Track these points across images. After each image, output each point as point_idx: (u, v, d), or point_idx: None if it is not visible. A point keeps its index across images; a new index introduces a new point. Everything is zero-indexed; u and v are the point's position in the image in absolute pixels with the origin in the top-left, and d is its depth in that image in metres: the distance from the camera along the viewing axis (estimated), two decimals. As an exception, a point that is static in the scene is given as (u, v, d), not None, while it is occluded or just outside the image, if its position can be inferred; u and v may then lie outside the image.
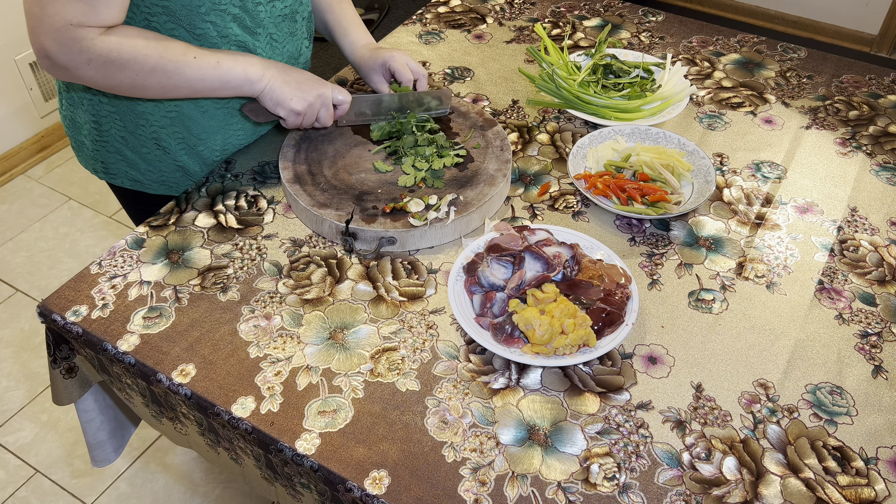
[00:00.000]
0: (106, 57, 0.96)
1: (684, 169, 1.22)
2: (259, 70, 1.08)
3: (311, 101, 1.12)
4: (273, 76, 1.09)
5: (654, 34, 1.63)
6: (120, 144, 1.19)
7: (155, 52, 1.00)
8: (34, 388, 2.02)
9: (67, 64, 0.96)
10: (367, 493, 0.84)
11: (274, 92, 1.10)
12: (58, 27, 0.93)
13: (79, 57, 0.95)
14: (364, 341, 0.99)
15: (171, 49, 1.01)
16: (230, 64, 1.06)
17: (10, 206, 2.57)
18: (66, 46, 0.94)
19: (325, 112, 1.15)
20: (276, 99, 1.10)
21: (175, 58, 1.01)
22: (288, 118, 1.13)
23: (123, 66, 0.98)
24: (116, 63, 0.98)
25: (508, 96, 1.44)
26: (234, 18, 1.08)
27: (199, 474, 1.84)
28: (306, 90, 1.11)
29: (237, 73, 1.06)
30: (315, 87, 1.12)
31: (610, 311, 0.97)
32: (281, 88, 1.10)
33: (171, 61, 1.01)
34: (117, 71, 0.98)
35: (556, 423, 0.90)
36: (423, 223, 1.09)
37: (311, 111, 1.13)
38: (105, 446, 1.19)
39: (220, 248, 1.12)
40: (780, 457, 0.88)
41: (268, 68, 1.09)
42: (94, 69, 0.97)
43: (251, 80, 1.08)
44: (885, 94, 1.47)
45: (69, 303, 1.03)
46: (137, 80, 1.01)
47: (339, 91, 1.16)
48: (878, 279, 1.10)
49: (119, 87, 1.02)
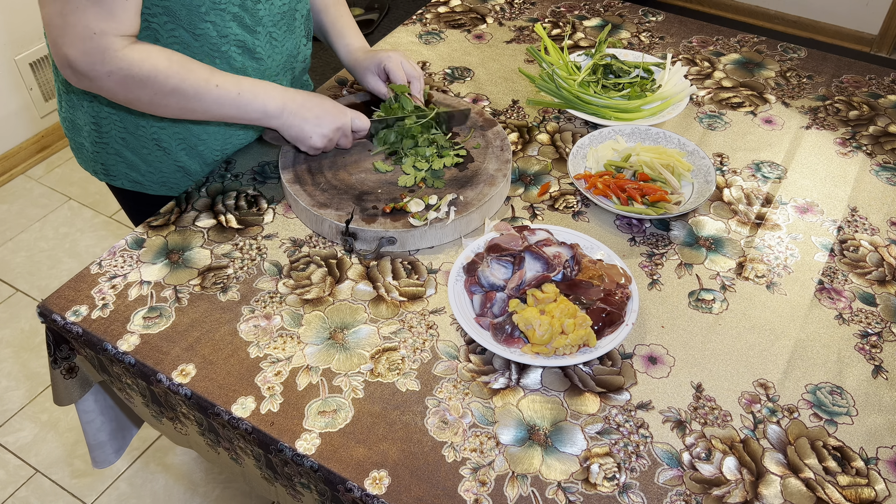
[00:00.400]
0: (127, 71, 0.97)
1: (684, 169, 1.22)
2: (278, 105, 1.09)
3: (330, 136, 1.14)
4: (292, 111, 1.10)
5: (654, 34, 1.63)
6: (120, 146, 1.19)
7: (176, 75, 1.00)
8: (34, 388, 2.02)
9: (89, 73, 0.97)
10: (367, 493, 0.84)
11: (293, 129, 1.12)
12: (82, 37, 0.94)
13: (101, 68, 0.96)
14: (364, 341, 0.99)
15: (194, 73, 1.02)
16: (250, 97, 1.07)
17: (10, 206, 2.57)
18: (90, 56, 0.95)
19: (344, 141, 1.18)
20: (296, 136, 1.13)
21: (196, 83, 1.02)
22: (308, 151, 1.16)
23: (143, 83, 0.99)
24: (136, 79, 0.98)
25: (508, 96, 1.43)
26: (234, 17, 1.08)
27: (199, 474, 1.84)
28: (325, 125, 1.12)
29: (256, 106, 1.08)
30: (334, 119, 1.13)
31: (610, 311, 0.97)
32: (300, 126, 1.11)
33: (192, 86, 1.02)
34: (136, 87, 0.99)
35: (556, 423, 0.90)
36: (423, 223, 1.09)
37: (330, 144, 1.16)
38: (105, 447, 1.19)
39: (220, 248, 1.12)
40: (780, 457, 0.88)
41: (287, 103, 1.10)
42: (114, 82, 0.98)
43: (269, 114, 1.09)
44: (885, 94, 1.47)
45: (69, 303, 1.03)
46: (156, 98, 1.01)
47: (357, 118, 1.17)
48: (878, 279, 1.10)
49: (137, 102, 1.02)
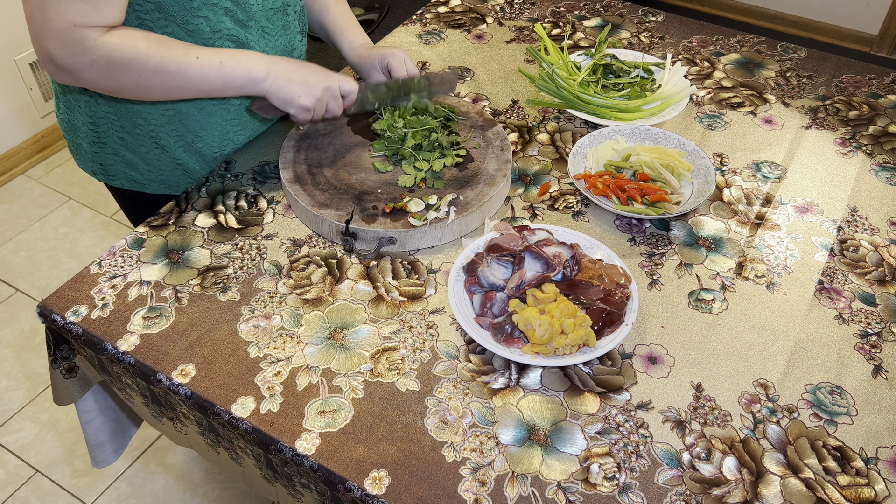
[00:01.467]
0: (108, 57, 0.96)
1: (684, 169, 1.22)
2: (263, 68, 1.08)
3: (319, 95, 1.12)
4: (278, 74, 1.09)
5: (654, 34, 1.63)
6: (118, 145, 1.19)
7: (157, 53, 0.99)
8: (34, 388, 2.02)
9: (71, 67, 0.96)
10: (367, 493, 0.84)
11: (280, 90, 1.09)
12: (61, 29, 0.93)
13: (82, 58, 0.95)
14: (364, 341, 0.99)
15: (174, 49, 1.01)
16: (233, 63, 1.05)
17: (10, 206, 2.57)
18: (70, 48, 0.94)
19: (333, 104, 1.15)
20: (284, 97, 1.10)
21: (177, 58, 1.01)
22: (298, 115, 1.13)
23: (126, 67, 0.98)
24: (118, 63, 0.97)
25: (508, 96, 1.43)
26: (227, 12, 1.08)
27: (199, 474, 1.84)
28: (313, 85, 1.11)
29: (241, 73, 1.06)
30: (322, 79, 1.12)
31: (610, 311, 0.97)
32: (287, 86, 1.09)
33: (174, 61, 1.01)
34: (120, 72, 0.98)
35: (556, 423, 0.90)
36: (423, 223, 1.09)
37: (319, 105, 1.13)
38: (105, 447, 1.19)
39: (220, 248, 1.12)
40: (780, 457, 0.88)
41: (272, 66, 1.08)
42: (97, 71, 0.97)
43: (256, 78, 1.07)
44: (885, 94, 1.47)
45: (69, 303, 1.03)
46: (140, 80, 1.00)
47: (345, 81, 1.16)
48: (878, 279, 1.10)
49: (123, 88, 1.01)
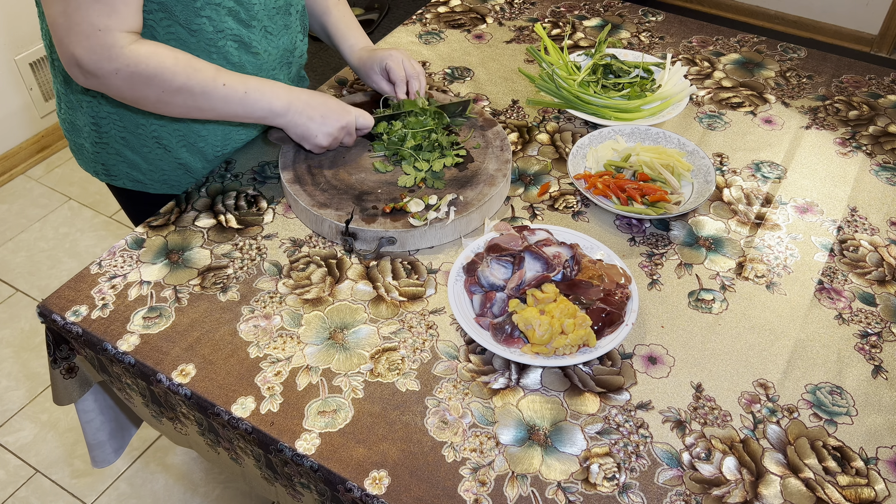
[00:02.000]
0: (134, 68, 0.97)
1: (684, 169, 1.22)
2: (284, 104, 1.10)
3: (335, 135, 1.15)
4: (298, 111, 1.11)
5: (654, 34, 1.63)
6: (120, 145, 1.19)
7: (183, 72, 1.01)
8: (34, 388, 2.02)
9: (97, 71, 0.97)
10: (366, 493, 0.84)
11: (298, 128, 1.13)
12: (87, 34, 0.94)
13: (108, 65, 0.96)
14: (364, 341, 0.99)
15: (201, 72, 1.02)
16: (257, 96, 1.08)
17: (10, 206, 2.57)
18: (96, 54, 0.95)
19: (348, 139, 1.19)
20: (301, 135, 1.14)
21: (203, 81, 1.02)
22: (313, 150, 1.17)
23: (150, 80, 0.99)
24: (143, 76, 0.98)
25: (508, 96, 1.43)
26: (230, 12, 1.08)
27: (199, 474, 1.84)
28: (330, 123, 1.14)
29: (262, 105, 1.09)
30: (339, 118, 1.15)
31: (610, 311, 0.97)
32: (306, 125, 1.12)
33: (199, 84, 1.02)
34: (143, 85, 0.99)
35: (556, 423, 0.90)
36: (423, 223, 1.09)
37: (335, 143, 1.17)
38: (105, 447, 1.19)
39: (219, 248, 1.12)
40: (780, 457, 0.88)
41: (293, 102, 1.11)
42: (122, 79, 0.98)
43: (276, 112, 1.10)
44: (885, 94, 1.47)
45: (69, 303, 1.03)
46: (163, 96, 1.01)
47: (362, 116, 1.19)
48: (878, 279, 1.10)
49: (145, 101, 1.02)
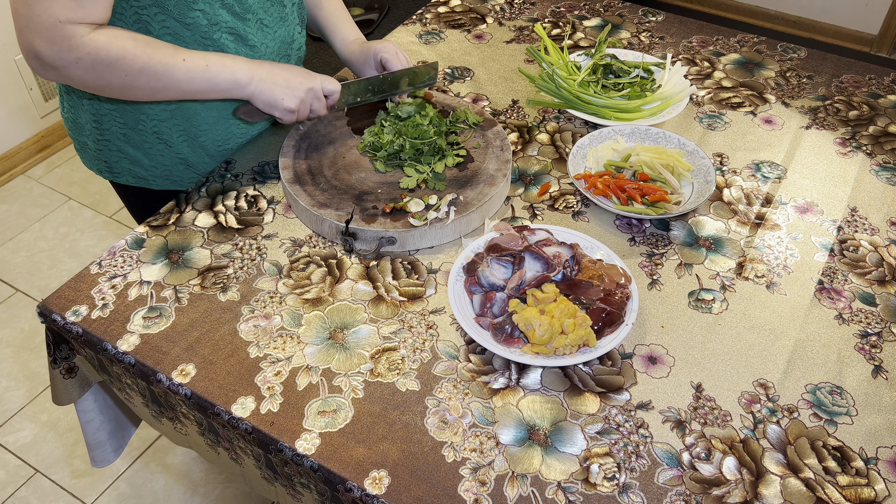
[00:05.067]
0: (95, 56, 0.97)
1: (684, 169, 1.22)
2: (247, 73, 1.09)
3: (302, 97, 1.13)
4: (261, 78, 1.10)
5: (654, 34, 1.63)
6: (122, 142, 1.19)
7: (143, 53, 1.00)
8: (34, 388, 2.02)
9: (56, 63, 0.96)
10: (367, 493, 0.84)
11: (264, 94, 1.11)
12: (46, 25, 0.93)
13: (68, 55, 0.95)
14: (364, 341, 0.99)
15: (161, 51, 1.02)
16: (218, 67, 1.06)
17: (10, 206, 2.57)
18: (56, 45, 0.94)
19: (317, 104, 1.17)
20: (268, 101, 1.12)
21: (164, 59, 1.02)
22: (282, 117, 1.15)
23: (112, 66, 0.98)
24: (105, 62, 0.98)
25: (508, 96, 1.43)
26: (224, 5, 1.08)
27: (199, 474, 1.84)
28: (296, 87, 1.12)
29: (226, 77, 1.07)
30: (304, 81, 1.13)
31: (610, 311, 0.97)
32: (271, 90, 1.11)
33: (160, 62, 1.01)
34: (106, 70, 0.99)
35: (556, 423, 0.90)
36: (423, 223, 1.09)
37: (303, 107, 1.15)
38: (105, 447, 1.19)
39: (220, 248, 1.12)
40: (780, 457, 0.88)
41: (256, 70, 1.10)
42: (83, 69, 0.97)
43: (240, 83, 1.09)
44: (885, 94, 1.47)
45: (69, 303, 1.03)
46: (126, 80, 1.01)
47: (328, 81, 1.18)
48: (878, 279, 1.10)
49: (108, 87, 1.02)
